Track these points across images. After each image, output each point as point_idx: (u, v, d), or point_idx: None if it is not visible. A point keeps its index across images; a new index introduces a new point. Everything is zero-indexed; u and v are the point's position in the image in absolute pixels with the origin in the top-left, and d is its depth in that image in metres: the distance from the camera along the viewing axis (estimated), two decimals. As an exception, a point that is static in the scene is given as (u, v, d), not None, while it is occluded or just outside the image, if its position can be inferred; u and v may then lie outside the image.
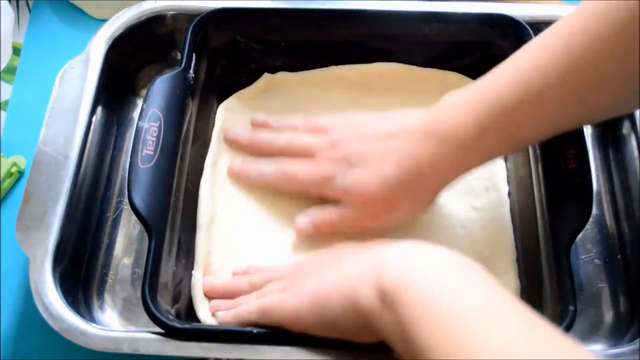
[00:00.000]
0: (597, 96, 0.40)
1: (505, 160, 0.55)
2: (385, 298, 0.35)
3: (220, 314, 0.46)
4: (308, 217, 0.49)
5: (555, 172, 0.47)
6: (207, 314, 0.47)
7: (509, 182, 0.53)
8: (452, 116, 0.44)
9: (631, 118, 0.53)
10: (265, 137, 0.53)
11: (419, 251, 0.37)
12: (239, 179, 0.53)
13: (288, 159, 0.51)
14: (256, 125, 0.55)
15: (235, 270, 0.49)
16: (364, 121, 0.50)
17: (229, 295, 0.47)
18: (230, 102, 0.57)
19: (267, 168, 0.51)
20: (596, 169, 0.55)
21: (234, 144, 0.54)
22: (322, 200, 0.50)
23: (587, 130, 0.57)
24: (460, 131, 0.43)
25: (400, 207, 0.47)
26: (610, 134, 0.56)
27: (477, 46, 0.56)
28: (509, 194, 0.53)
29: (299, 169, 0.50)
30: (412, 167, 0.45)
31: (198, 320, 0.47)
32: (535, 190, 0.50)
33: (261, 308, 0.43)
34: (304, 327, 0.41)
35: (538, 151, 0.50)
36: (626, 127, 0.54)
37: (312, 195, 0.50)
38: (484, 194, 0.53)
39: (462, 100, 0.44)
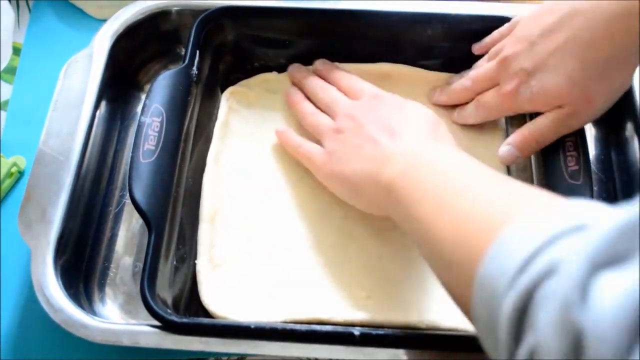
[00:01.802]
0: None
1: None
2: (388, 192, 0.42)
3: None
4: (508, 145, 0.50)
5: (556, 173, 0.47)
6: (211, 299, 0.47)
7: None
8: None
9: (634, 120, 0.53)
10: (454, 82, 0.55)
11: (413, 154, 0.42)
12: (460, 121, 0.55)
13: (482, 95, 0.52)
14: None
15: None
16: (524, 23, 0.49)
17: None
18: (233, 98, 0.57)
19: (468, 108, 0.53)
20: (598, 171, 0.55)
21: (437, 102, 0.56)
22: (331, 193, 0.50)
23: (590, 132, 0.57)
24: None
25: (596, 99, 0.46)
26: (613, 136, 0.56)
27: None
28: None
29: (489, 97, 0.51)
30: (597, 56, 0.44)
31: (200, 312, 0.47)
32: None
33: (307, 154, 0.51)
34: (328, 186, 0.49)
35: (539, 152, 0.50)
36: (629, 129, 0.54)
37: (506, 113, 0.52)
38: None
39: None
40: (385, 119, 0.46)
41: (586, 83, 0.45)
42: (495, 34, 0.54)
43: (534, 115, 0.50)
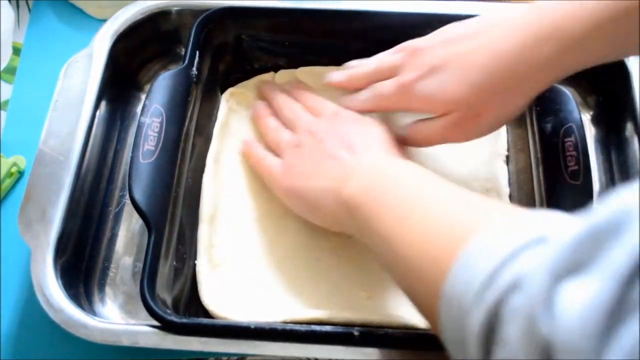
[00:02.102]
0: None
1: (507, 163, 0.55)
2: (347, 207, 0.42)
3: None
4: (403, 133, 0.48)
5: (556, 173, 0.47)
6: (211, 299, 0.47)
7: (510, 184, 0.53)
8: (553, 11, 0.40)
9: (634, 120, 0.53)
10: (356, 65, 0.52)
11: (374, 169, 0.42)
12: (348, 107, 0.51)
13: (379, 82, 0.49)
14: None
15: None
16: (453, 25, 0.47)
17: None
18: (233, 99, 0.57)
19: (361, 94, 0.50)
20: (598, 171, 0.55)
21: (335, 85, 0.53)
22: None
23: (590, 132, 0.57)
24: (563, 27, 0.39)
25: (486, 116, 0.44)
26: (613, 136, 0.56)
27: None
28: (510, 195, 0.53)
29: (385, 85, 0.48)
30: (501, 68, 0.42)
31: (199, 313, 0.47)
32: (536, 192, 0.50)
33: (261, 168, 0.50)
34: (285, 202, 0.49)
35: (539, 153, 0.50)
36: (629, 130, 0.54)
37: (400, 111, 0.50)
38: (485, 195, 0.53)
39: None
40: (344, 135, 0.46)
41: (483, 95, 0.43)
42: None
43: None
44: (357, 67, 0.52)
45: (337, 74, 0.53)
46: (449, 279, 0.30)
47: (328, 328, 0.43)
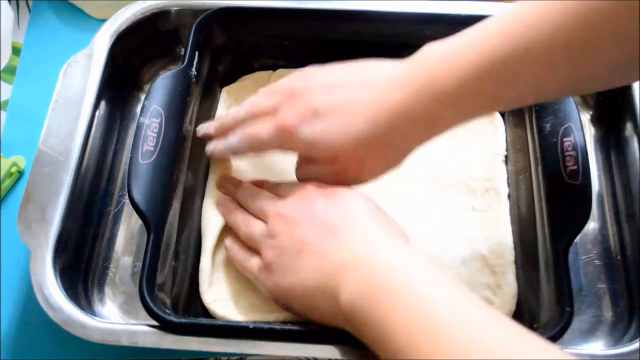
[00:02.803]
0: (587, 57, 0.36)
1: (506, 163, 0.55)
2: (344, 316, 0.38)
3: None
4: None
5: (555, 173, 0.47)
6: (212, 299, 0.47)
7: (508, 184, 0.53)
8: (431, 66, 0.40)
9: (633, 120, 0.53)
10: (228, 115, 0.49)
11: (369, 264, 0.38)
12: (215, 157, 0.51)
13: (250, 122, 0.46)
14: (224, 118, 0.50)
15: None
16: (329, 70, 0.45)
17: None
18: (230, 97, 0.57)
19: (232, 138, 0.47)
20: (598, 170, 0.55)
21: (207, 138, 0.51)
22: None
23: (590, 132, 0.57)
24: (439, 83, 0.39)
25: (369, 165, 0.43)
26: (613, 136, 0.56)
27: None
28: (509, 195, 0.53)
29: (260, 127, 0.45)
30: (386, 120, 0.41)
31: (198, 313, 0.47)
32: (534, 191, 0.50)
33: (246, 272, 0.46)
34: (280, 306, 0.44)
35: (538, 153, 0.50)
36: (629, 129, 0.54)
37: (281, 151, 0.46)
38: (484, 195, 0.53)
39: (445, 51, 0.40)
40: (321, 214, 0.42)
41: (367, 146, 0.42)
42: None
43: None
44: (227, 116, 0.49)
45: (203, 126, 0.51)
46: None
47: (326, 328, 0.43)
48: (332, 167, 0.44)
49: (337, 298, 0.38)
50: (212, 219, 0.50)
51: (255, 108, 0.46)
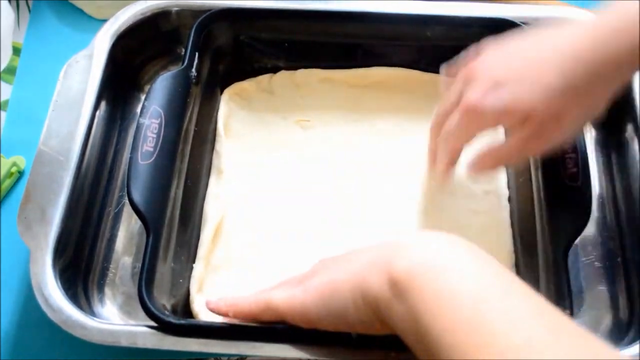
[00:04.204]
0: None
1: (506, 165, 0.55)
2: (396, 287, 0.33)
3: (213, 302, 0.43)
4: (471, 160, 0.46)
5: (555, 176, 0.47)
6: (201, 307, 0.47)
7: (509, 187, 0.53)
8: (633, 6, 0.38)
9: (634, 122, 0.53)
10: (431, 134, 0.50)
11: (433, 239, 0.35)
12: (446, 178, 0.49)
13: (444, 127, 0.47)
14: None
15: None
16: (500, 46, 0.44)
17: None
18: (232, 100, 0.57)
19: (439, 155, 0.49)
20: (598, 172, 0.55)
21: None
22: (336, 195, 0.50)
23: (590, 134, 0.57)
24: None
25: (567, 119, 0.42)
26: (613, 138, 0.56)
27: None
28: (509, 198, 0.53)
29: (449, 124, 0.46)
30: (580, 68, 0.40)
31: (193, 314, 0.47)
32: (535, 194, 0.50)
33: (266, 301, 0.41)
34: (312, 320, 0.39)
35: (538, 155, 0.50)
36: (629, 131, 0.54)
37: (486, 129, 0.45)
38: (485, 198, 0.53)
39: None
40: None
41: (564, 98, 0.41)
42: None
43: None
44: (434, 126, 0.49)
45: (440, 157, 0.49)
46: None
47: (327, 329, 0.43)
48: (526, 130, 0.43)
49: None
50: (209, 221, 0.50)
51: (442, 110, 0.47)
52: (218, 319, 0.46)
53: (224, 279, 0.49)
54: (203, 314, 0.47)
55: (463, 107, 0.44)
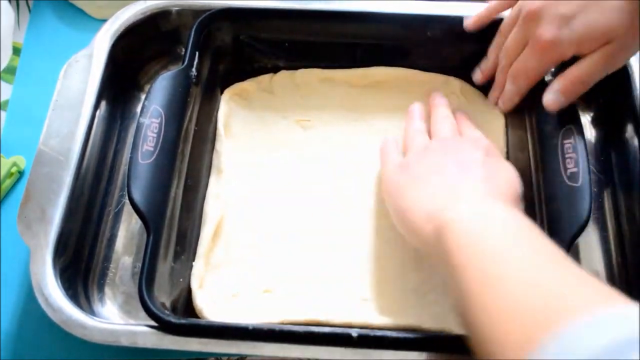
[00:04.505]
0: None
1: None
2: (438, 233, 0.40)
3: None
4: (554, 92, 0.48)
5: (555, 175, 0.47)
6: (204, 302, 0.47)
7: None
8: None
9: (635, 121, 0.53)
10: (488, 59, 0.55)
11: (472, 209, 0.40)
12: (510, 105, 0.53)
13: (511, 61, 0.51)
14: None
15: None
16: None
17: None
18: (232, 100, 0.57)
19: (507, 88, 0.52)
20: (598, 172, 0.55)
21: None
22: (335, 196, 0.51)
23: (590, 133, 0.57)
24: None
25: None
26: (613, 137, 0.56)
27: (479, 51, 0.56)
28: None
29: (523, 61, 0.49)
30: None
31: (195, 312, 0.47)
32: (535, 193, 0.50)
33: (383, 158, 0.52)
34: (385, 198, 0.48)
35: (539, 154, 0.50)
36: (629, 131, 0.54)
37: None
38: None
39: None
40: (474, 164, 0.45)
41: (634, 14, 0.44)
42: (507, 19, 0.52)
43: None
44: (487, 61, 0.54)
45: (476, 75, 0.56)
46: (539, 352, 0.29)
47: (326, 329, 0.43)
48: (610, 49, 0.45)
49: (436, 214, 0.41)
50: (209, 220, 0.50)
51: (508, 49, 0.50)
52: (222, 315, 0.46)
53: (224, 278, 0.49)
54: (206, 310, 0.47)
55: (538, 46, 0.47)
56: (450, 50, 0.57)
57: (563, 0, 0.46)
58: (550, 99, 0.48)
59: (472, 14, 0.54)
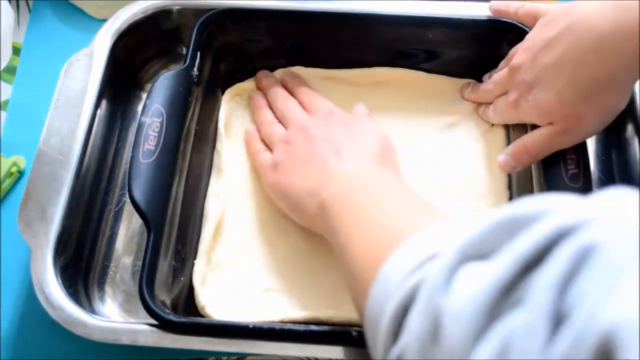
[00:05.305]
0: None
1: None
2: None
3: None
4: (505, 155, 0.50)
5: (556, 176, 0.47)
6: (207, 300, 0.47)
7: (510, 187, 0.53)
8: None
9: (635, 121, 0.53)
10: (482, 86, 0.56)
11: (349, 177, 0.44)
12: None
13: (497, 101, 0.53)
14: None
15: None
16: (534, 31, 0.48)
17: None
18: (233, 100, 0.57)
19: (490, 109, 0.54)
20: (599, 173, 0.55)
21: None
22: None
23: (590, 134, 0.57)
24: None
25: (587, 119, 0.46)
26: (614, 137, 0.56)
27: (481, 52, 0.56)
28: (510, 199, 0.53)
29: (499, 103, 0.52)
30: (586, 73, 0.43)
31: (197, 311, 0.47)
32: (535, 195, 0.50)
33: (255, 162, 0.52)
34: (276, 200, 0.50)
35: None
36: (630, 130, 0.54)
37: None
38: (485, 198, 0.53)
39: None
40: (335, 138, 0.48)
41: (575, 102, 0.45)
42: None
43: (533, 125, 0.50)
44: (482, 86, 0.55)
45: (469, 92, 0.56)
46: (381, 269, 0.32)
47: (326, 328, 0.43)
48: (553, 130, 0.47)
49: (320, 196, 0.44)
50: (210, 219, 0.50)
51: (496, 81, 0.52)
52: (224, 313, 0.46)
53: (225, 278, 0.49)
54: (209, 307, 0.47)
55: (506, 102, 0.50)
56: (452, 52, 0.57)
57: (532, 65, 0.47)
58: (502, 160, 0.50)
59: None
